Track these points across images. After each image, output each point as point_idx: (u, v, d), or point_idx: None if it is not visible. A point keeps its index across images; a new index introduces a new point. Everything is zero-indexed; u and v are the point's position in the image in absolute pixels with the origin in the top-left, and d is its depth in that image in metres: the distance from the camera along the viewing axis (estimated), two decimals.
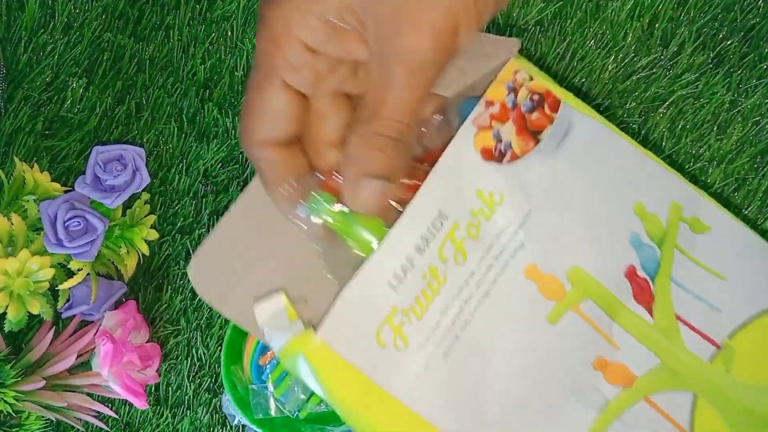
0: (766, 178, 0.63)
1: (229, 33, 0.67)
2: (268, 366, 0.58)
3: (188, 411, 0.60)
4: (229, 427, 0.59)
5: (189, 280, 0.62)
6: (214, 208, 0.63)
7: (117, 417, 0.59)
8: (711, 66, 0.66)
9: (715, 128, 0.65)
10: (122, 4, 0.67)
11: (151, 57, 0.66)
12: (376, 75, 0.34)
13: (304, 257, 0.43)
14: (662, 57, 0.66)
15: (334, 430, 0.56)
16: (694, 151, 0.64)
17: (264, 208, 0.44)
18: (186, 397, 0.60)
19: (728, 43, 0.66)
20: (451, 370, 0.39)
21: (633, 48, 0.66)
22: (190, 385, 0.60)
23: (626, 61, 0.66)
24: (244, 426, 0.59)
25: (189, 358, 0.60)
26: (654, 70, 0.66)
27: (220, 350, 0.58)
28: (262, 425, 0.57)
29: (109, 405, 0.59)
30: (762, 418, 0.44)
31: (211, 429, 0.60)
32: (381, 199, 0.35)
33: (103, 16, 0.67)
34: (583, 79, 0.66)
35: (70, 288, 0.57)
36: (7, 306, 0.54)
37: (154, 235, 0.60)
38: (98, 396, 0.59)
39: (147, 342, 0.58)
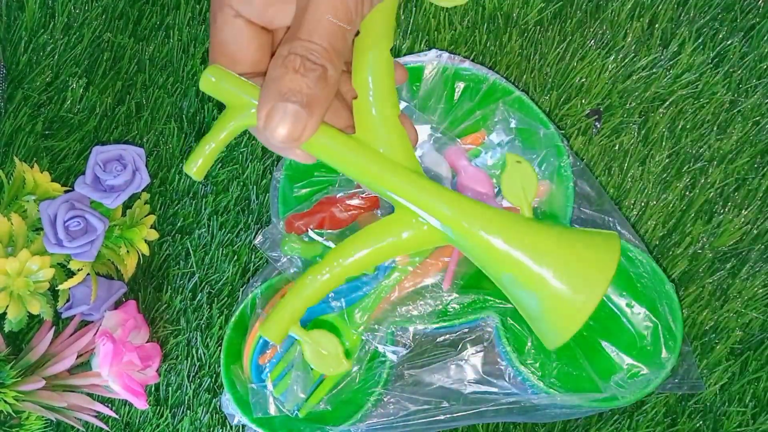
0: (766, 178, 0.63)
1: None
2: (268, 365, 0.58)
3: (188, 411, 0.60)
4: (228, 426, 0.59)
5: (189, 281, 0.62)
6: (214, 208, 0.63)
7: (117, 417, 0.59)
8: (711, 66, 0.66)
9: (715, 128, 0.65)
10: (122, 4, 0.67)
11: (151, 57, 0.66)
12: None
13: None
14: (662, 57, 0.66)
15: (333, 430, 0.56)
16: (694, 151, 0.64)
17: None
18: (186, 397, 0.60)
19: (728, 43, 0.66)
20: None
21: (633, 48, 0.66)
22: (190, 385, 0.60)
23: (626, 60, 0.66)
24: (243, 426, 0.59)
25: (189, 358, 0.60)
26: (654, 70, 0.66)
27: (220, 350, 0.58)
28: (261, 424, 0.57)
29: (109, 405, 0.59)
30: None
31: (211, 429, 0.60)
32: (294, 128, 0.30)
33: (103, 16, 0.67)
34: (583, 79, 0.66)
35: (70, 288, 0.57)
36: (7, 306, 0.54)
37: (154, 235, 0.60)
38: (98, 396, 0.59)
39: (147, 342, 0.58)
